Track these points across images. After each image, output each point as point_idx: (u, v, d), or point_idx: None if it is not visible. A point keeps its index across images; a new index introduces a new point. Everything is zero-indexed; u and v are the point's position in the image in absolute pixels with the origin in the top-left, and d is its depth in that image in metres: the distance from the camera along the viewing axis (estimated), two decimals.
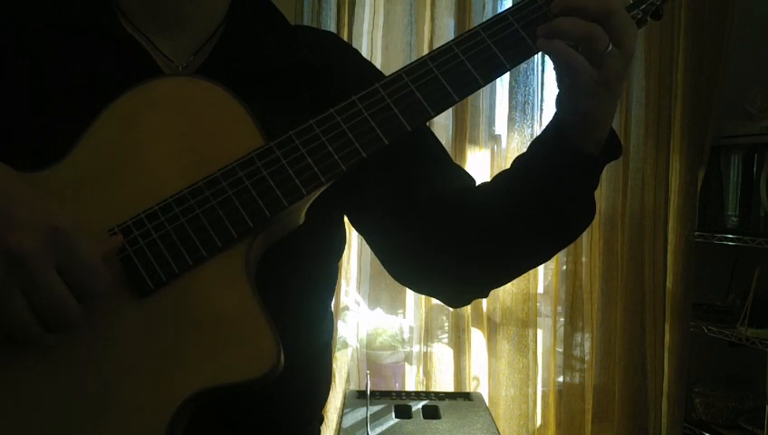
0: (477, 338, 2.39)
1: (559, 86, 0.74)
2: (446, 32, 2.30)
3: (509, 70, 0.70)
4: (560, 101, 0.75)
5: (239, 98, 0.69)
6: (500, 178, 0.83)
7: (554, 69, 0.74)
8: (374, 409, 1.86)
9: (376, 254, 0.90)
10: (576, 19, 0.67)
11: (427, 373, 2.35)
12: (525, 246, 0.81)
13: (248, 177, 0.65)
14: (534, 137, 0.80)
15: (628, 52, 0.69)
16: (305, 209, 0.70)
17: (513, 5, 0.72)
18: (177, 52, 0.79)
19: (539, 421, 2.43)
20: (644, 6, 0.75)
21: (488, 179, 0.86)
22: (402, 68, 0.69)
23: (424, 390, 2.31)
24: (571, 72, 0.68)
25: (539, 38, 0.69)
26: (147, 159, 0.67)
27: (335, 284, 0.87)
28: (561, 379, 2.45)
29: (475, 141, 2.33)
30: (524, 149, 0.81)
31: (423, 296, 2.27)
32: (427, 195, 0.84)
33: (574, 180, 0.76)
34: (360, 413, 1.82)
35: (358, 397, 1.96)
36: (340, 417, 1.85)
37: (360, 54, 0.94)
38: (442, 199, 0.83)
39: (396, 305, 2.41)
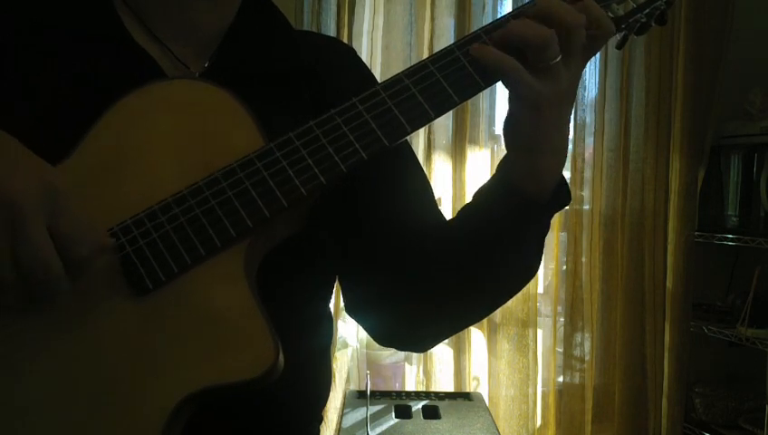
0: (477, 338, 2.39)
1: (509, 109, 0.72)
2: (446, 32, 2.30)
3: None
4: (505, 125, 0.72)
5: (241, 100, 0.69)
6: (453, 220, 0.80)
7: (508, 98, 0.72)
8: (374, 409, 1.86)
9: (339, 280, 0.88)
10: (530, 21, 0.66)
11: (426, 373, 2.35)
12: (463, 293, 0.78)
13: (248, 177, 0.65)
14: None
15: (575, 72, 0.68)
16: (306, 211, 0.70)
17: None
18: (191, 56, 0.78)
19: (539, 421, 2.43)
20: (648, 11, 0.74)
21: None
22: (403, 71, 0.69)
23: (424, 390, 2.31)
24: (509, 81, 0.67)
25: (472, 44, 0.68)
26: (148, 160, 0.67)
27: (334, 286, 0.87)
28: (561, 379, 2.46)
29: (475, 141, 2.33)
30: None
31: None
32: (394, 228, 0.82)
33: (510, 226, 0.72)
34: (360, 413, 1.82)
35: (358, 397, 1.96)
36: (340, 417, 1.85)
37: (361, 60, 0.94)
38: (408, 236, 0.81)
39: None
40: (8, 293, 0.56)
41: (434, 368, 2.35)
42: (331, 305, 0.89)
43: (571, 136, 2.25)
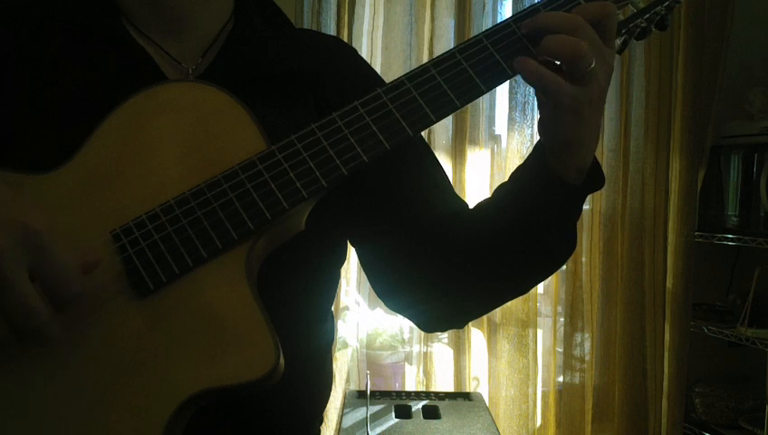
0: (477, 338, 2.39)
1: (540, 109, 0.73)
2: (446, 32, 2.30)
3: (512, 77, 0.70)
4: (543, 125, 0.73)
5: (243, 103, 0.69)
6: (485, 205, 0.82)
7: (536, 92, 0.72)
8: (374, 409, 1.86)
9: (362, 264, 0.89)
10: (563, 37, 0.66)
11: (427, 373, 2.35)
12: (505, 274, 0.80)
13: (249, 179, 0.65)
14: (534, 139, 0.79)
15: (608, 67, 0.69)
16: (307, 213, 0.70)
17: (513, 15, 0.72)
18: (184, 54, 0.79)
19: (539, 421, 2.43)
20: (648, 16, 0.74)
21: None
22: (404, 74, 0.70)
23: (424, 390, 2.31)
24: (549, 93, 0.67)
25: (515, 59, 0.68)
26: (151, 163, 0.67)
27: (336, 286, 0.88)
28: (561, 379, 2.46)
29: (475, 141, 2.33)
30: (524, 149, 0.81)
31: None
32: (419, 216, 0.83)
33: (553, 210, 0.74)
34: (360, 413, 1.83)
35: (358, 397, 1.97)
36: (340, 417, 1.85)
37: (363, 59, 0.94)
38: (433, 221, 0.83)
39: None
40: (3, 343, 0.55)
41: (434, 368, 2.35)
42: (332, 307, 0.89)
43: None
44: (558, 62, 0.68)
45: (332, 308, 0.88)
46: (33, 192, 0.64)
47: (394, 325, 2.40)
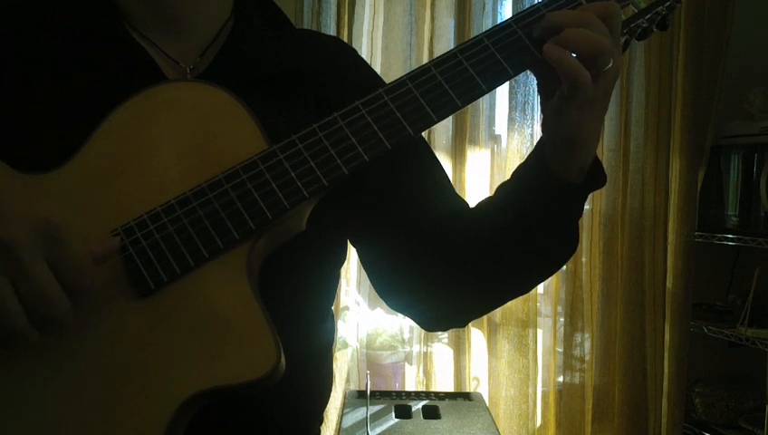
0: (477, 338, 2.39)
1: (544, 107, 0.72)
2: (446, 32, 2.30)
3: (513, 77, 0.70)
4: (546, 123, 0.73)
5: (244, 102, 0.69)
6: (485, 204, 0.82)
7: (539, 90, 0.72)
8: (374, 409, 1.86)
9: (363, 263, 0.89)
10: (588, 32, 0.66)
11: (427, 373, 2.35)
12: (506, 274, 0.80)
13: (251, 179, 0.65)
14: (534, 139, 0.79)
15: (617, 67, 0.69)
16: (308, 213, 0.70)
17: (513, 16, 0.72)
18: (183, 54, 0.79)
19: (539, 421, 2.43)
20: (649, 16, 0.74)
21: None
22: (405, 74, 0.70)
23: (424, 390, 2.31)
24: (575, 87, 0.66)
25: (546, 45, 0.67)
26: (152, 163, 0.67)
27: (336, 286, 0.87)
28: (561, 379, 2.46)
29: (475, 141, 2.33)
30: (524, 149, 0.81)
31: None
32: (419, 215, 0.83)
33: (553, 209, 0.74)
34: (360, 413, 1.83)
35: (358, 397, 1.97)
36: (340, 417, 1.85)
37: (363, 60, 0.94)
38: (433, 220, 0.82)
39: None
40: (19, 335, 0.56)
41: (434, 368, 2.35)
42: (332, 307, 0.89)
43: None
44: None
45: (332, 308, 0.88)
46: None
47: (394, 325, 2.40)
